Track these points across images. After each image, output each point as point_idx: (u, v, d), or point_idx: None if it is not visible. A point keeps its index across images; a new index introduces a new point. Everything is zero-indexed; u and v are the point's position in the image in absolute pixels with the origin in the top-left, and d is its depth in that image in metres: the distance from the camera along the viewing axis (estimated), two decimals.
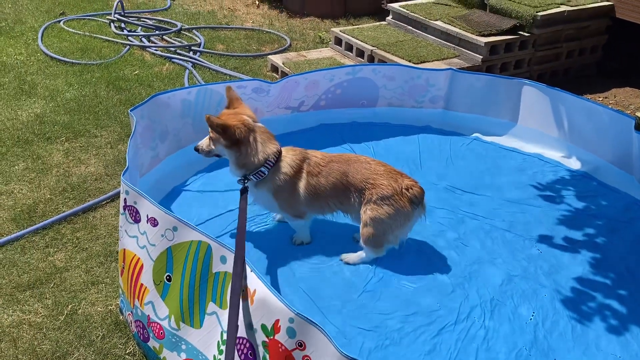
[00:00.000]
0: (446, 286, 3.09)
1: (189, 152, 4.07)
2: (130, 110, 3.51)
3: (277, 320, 2.17)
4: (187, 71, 5.78)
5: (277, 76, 5.86)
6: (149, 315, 2.63)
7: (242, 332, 2.29)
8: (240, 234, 2.55)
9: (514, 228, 3.59)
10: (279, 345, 2.18)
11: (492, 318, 2.92)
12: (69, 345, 2.79)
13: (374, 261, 3.23)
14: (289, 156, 3.20)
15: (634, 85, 6.01)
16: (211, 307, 2.45)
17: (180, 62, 6.00)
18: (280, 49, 6.49)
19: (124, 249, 2.76)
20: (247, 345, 2.28)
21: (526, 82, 4.52)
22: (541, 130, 4.49)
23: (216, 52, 6.33)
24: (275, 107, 4.50)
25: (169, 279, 2.56)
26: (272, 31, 7.03)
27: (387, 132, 4.63)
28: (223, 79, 5.68)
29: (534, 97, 4.47)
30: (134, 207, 2.69)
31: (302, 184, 3.15)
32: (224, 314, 2.40)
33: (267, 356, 2.21)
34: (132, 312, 2.77)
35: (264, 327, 2.21)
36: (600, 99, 5.76)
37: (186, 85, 5.52)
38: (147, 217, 2.61)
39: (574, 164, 4.27)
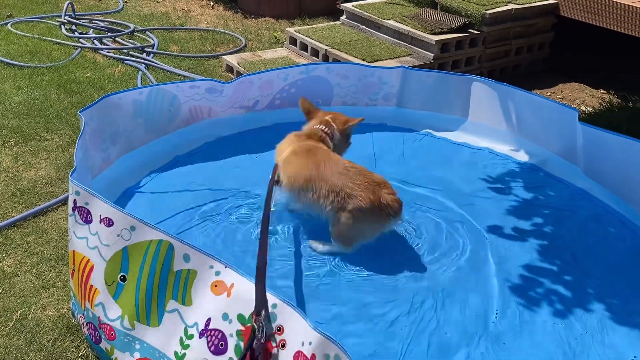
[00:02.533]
0: (399, 278, 3.15)
1: (141, 153, 4.07)
2: (80, 112, 3.47)
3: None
4: (140, 73, 5.72)
5: (232, 76, 5.86)
6: (99, 316, 2.60)
7: (214, 324, 2.33)
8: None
9: (464, 220, 3.68)
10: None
11: (444, 307, 2.99)
12: (18, 351, 2.74)
13: (327, 255, 3.27)
14: None
15: (579, 80, 6.22)
16: (172, 304, 2.46)
17: (133, 63, 5.94)
18: (235, 49, 6.49)
19: (73, 251, 2.73)
20: (219, 336, 2.32)
21: (475, 78, 4.64)
22: (491, 125, 4.61)
23: (170, 53, 6.28)
24: (230, 107, 4.50)
25: (124, 279, 2.55)
26: (227, 32, 7.01)
27: None
28: (177, 80, 5.63)
29: (483, 93, 4.59)
30: (85, 208, 2.66)
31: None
32: (188, 310, 2.43)
33: (241, 344, 2.25)
34: (83, 315, 2.74)
35: (240, 316, 2.27)
36: (548, 93, 5.95)
37: (140, 86, 5.47)
38: (101, 217, 2.60)
39: (523, 157, 4.40)
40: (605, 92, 6.02)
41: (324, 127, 3.61)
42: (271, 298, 2.29)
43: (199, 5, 8.00)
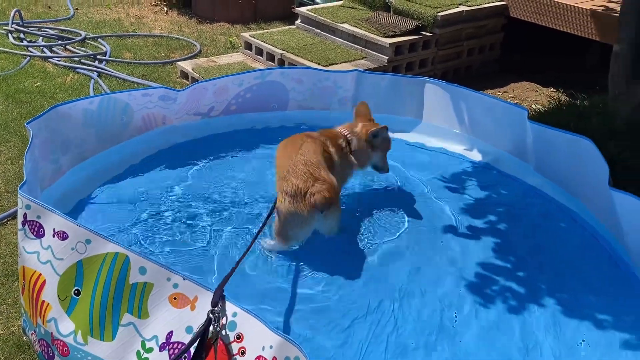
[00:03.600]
0: (355, 280, 3.18)
1: (94, 164, 4.00)
2: (27, 123, 3.39)
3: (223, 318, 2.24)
4: (92, 81, 5.61)
5: (187, 82, 5.80)
6: (52, 332, 2.55)
7: (177, 337, 2.34)
8: None
9: (420, 220, 3.74)
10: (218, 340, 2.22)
11: (401, 307, 3.03)
12: None
13: (285, 259, 3.27)
14: None
15: (530, 79, 6.39)
16: (127, 318, 2.43)
17: (85, 72, 5.82)
18: (190, 55, 6.43)
19: (24, 266, 2.66)
20: (182, 349, 2.29)
21: (427, 80, 4.72)
22: (444, 126, 4.69)
23: (123, 60, 6.18)
24: (184, 113, 4.46)
25: (77, 293, 2.50)
26: (181, 37, 6.94)
27: None
28: (131, 87, 5.55)
29: (435, 94, 4.67)
30: (36, 222, 2.60)
31: None
32: (144, 324, 2.41)
33: (203, 355, 2.23)
34: (35, 331, 2.67)
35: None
36: (500, 93, 6.08)
37: (92, 95, 5.36)
38: (54, 230, 2.55)
39: (476, 156, 4.49)
40: (554, 90, 6.19)
41: (346, 131, 3.68)
42: (231, 307, 2.29)
43: (152, 11, 7.90)
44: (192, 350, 2.25)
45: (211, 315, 2.25)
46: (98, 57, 6.17)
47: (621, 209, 3.29)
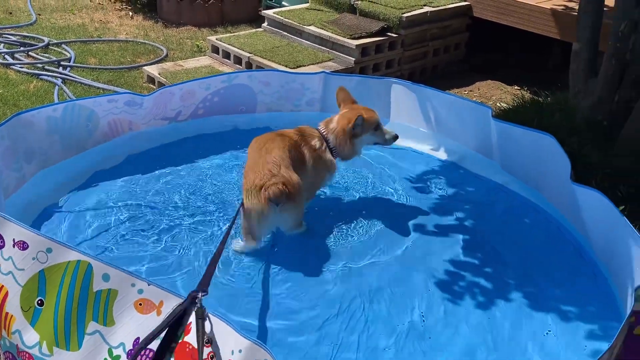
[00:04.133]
0: (325, 280, 3.20)
1: (59, 171, 3.95)
2: None
3: (190, 323, 2.23)
4: (56, 87, 5.53)
5: (154, 87, 5.75)
6: (17, 344, 2.50)
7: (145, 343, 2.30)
8: None
9: (388, 219, 3.76)
10: (187, 345, 2.23)
11: (372, 306, 3.05)
12: None
13: (253, 260, 3.27)
14: None
15: (495, 78, 6.50)
16: (92, 326, 2.41)
17: (49, 78, 5.73)
18: (156, 59, 6.38)
19: None
20: (150, 355, 2.28)
21: (394, 81, 4.76)
22: (411, 125, 4.73)
23: (88, 66, 6.11)
24: (152, 118, 4.42)
25: (41, 303, 2.47)
26: (147, 42, 6.88)
27: None
28: (96, 93, 5.49)
29: (402, 95, 4.72)
30: None
31: None
32: (110, 331, 2.39)
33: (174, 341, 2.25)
34: (0, 344, 2.62)
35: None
36: (466, 92, 6.18)
37: (56, 101, 5.29)
38: (14, 241, 2.51)
39: (442, 155, 4.55)
40: (518, 88, 6.31)
41: (323, 129, 3.66)
42: None
43: (117, 16, 7.81)
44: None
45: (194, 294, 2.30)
46: (62, 63, 6.08)
47: (584, 203, 3.38)
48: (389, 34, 5.98)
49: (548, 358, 2.82)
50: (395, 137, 3.72)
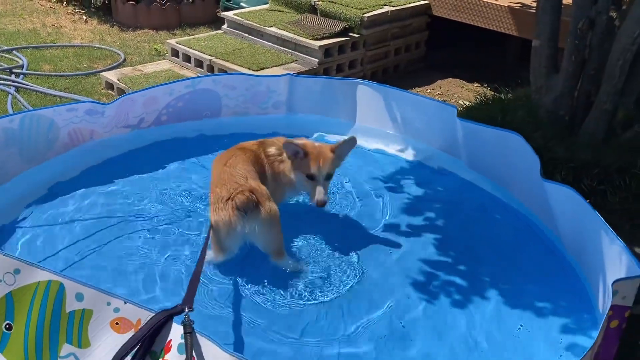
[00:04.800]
0: (301, 287, 3.16)
1: (18, 185, 3.80)
2: None
3: (169, 341, 2.18)
4: (9, 97, 5.32)
5: (113, 93, 5.61)
6: None
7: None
8: None
9: (361, 220, 3.76)
10: None
11: (350, 312, 3.04)
12: None
13: (228, 273, 3.21)
14: None
15: (455, 76, 6.58)
16: (66, 348, 2.33)
17: (1, 87, 5.51)
18: (114, 64, 6.21)
19: None
20: None
21: (359, 82, 4.77)
22: (378, 127, 4.74)
23: (42, 73, 5.90)
24: (113, 127, 4.31)
25: (9, 328, 2.36)
26: (103, 47, 6.70)
27: (236, 142, 4.60)
28: (53, 102, 5.31)
29: (367, 96, 4.72)
30: None
31: None
32: (86, 353, 2.31)
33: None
34: None
35: (152, 353, 2.21)
36: (428, 90, 6.23)
37: (10, 112, 5.09)
38: None
39: (410, 155, 4.56)
40: (479, 85, 6.40)
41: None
42: (178, 328, 2.23)
43: (70, 20, 7.57)
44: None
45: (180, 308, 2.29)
46: (14, 70, 5.86)
47: (554, 199, 3.44)
48: (350, 34, 5.98)
49: (526, 353, 2.86)
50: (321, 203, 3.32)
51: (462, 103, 5.82)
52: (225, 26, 6.50)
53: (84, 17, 7.66)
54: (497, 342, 2.92)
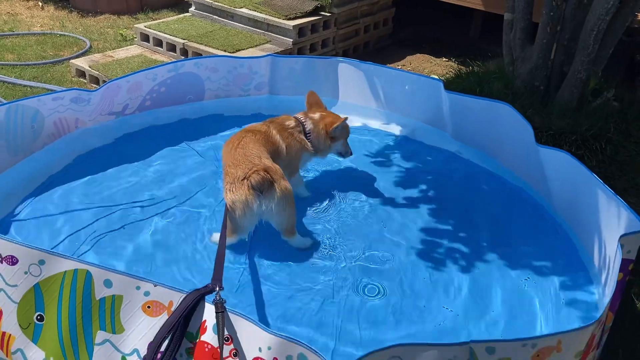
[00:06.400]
0: (315, 264, 3.24)
1: (9, 178, 3.71)
2: None
3: (204, 321, 2.20)
4: None
5: (85, 81, 5.47)
6: None
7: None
8: None
9: (358, 197, 3.84)
10: (205, 345, 2.19)
11: (362, 283, 3.13)
12: None
13: (242, 252, 3.25)
14: None
15: (423, 51, 6.71)
16: (101, 335, 2.31)
17: None
18: (80, 51, 6.04)
19: None
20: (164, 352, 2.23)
21: (340, 60, 4.81)
22: (361, 103, 4.82)
23: (6, 62, 5.69)
24: (98, 114, 4.23)
25: (41, 319, 2.34)
26: (66, 33, 6.49)
27: (220, 125, 4.60)
28: (23, 92, 5.15)
29: (349, 73, 4.78)
30: None
31: None
32: (121, 338, 2.30)
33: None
34: None
35: (188, 334, 2.23)
36: (399, 66, 6.34)
37: None
38: (1, 256, 2.35)
39: (395, 130, 4.67)
40: (446, 59, 6.56)
41: (301, 116, 3.69)
42: (212, 308, 2.25)
43: (25, 7, 7.29)
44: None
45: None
46: None
47: (547, 163, 3.60)
48: (322, 13, 6.00)
49: (530, 310, 3.02)
50: (351, 154, 3.89)
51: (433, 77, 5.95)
52: (192, 9, 6.41)
53: (40, 4, 7.38)
54: (502, 300, 3.07)
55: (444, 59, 6.56)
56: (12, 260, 2.35)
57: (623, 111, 4.77)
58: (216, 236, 3.30)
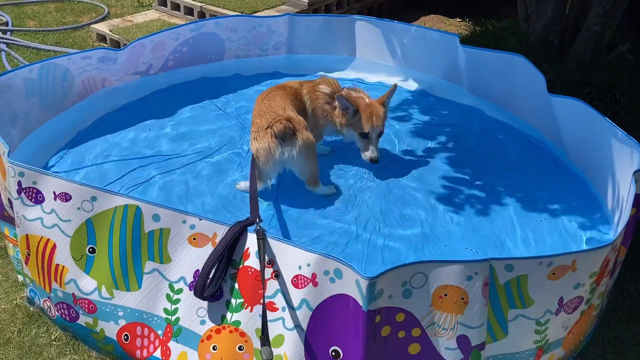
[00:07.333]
0: (338, 207, 3.40)
1: (43, 133, 3.87)
2: None
3: (247, 249, 2.36)
4: (2, 53, 5.26)
5: (106, 45, 5.59)
6: (73, 293, 2.55)
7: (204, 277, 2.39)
8: None
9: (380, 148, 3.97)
10: (249, 269, 2.34)
11: (385, 224, 3.28)
12: None
13: (269, 199, 3.41)
14: None
15: (437, 12, 6.77)
16: (149, 265, 2.47)
17: None
18: (100, 17, 6.15)
19: (26, 235, 2.61)
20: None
21: (358, 18, 4.90)
22: (378, 60, 4.92)
23: (30, 29, 5.81)
24: (124, 74, 4.36)
25: (92, 251, 2.51)
26: (85, 0, 6.59)
27: (240, 84, 4.73)
28: (47, 56, 5.28)
29: (366, 31, 4.87)
30: (33, 188, 2.55)
31: None
32: (168, 268, 2.47)
33: (236, 285, 2.33)
34: (49, 297, 2.65)
35: (233, 262, 2.40)
36: None
37: (6, 67, 5.05)
38: (55, 194, 2.51)
39: (412, 85, 4.78)
40: (460, 20, 6.61)
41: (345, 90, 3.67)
42: (253, 237, 2.41)
43: None
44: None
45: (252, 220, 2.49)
46: (0, 28, 5.75)
47: (560, 112, 3.71)
48: None
49: (546, 249, 3.17)
50: (374, 160, 3.54)
51: None
52: None
53: None
54: (521, 238, 3.22)
55: (458, 20, 6.61)
56: (66, 197, 2.50)
57: (638, 64, 4.84)
58: (242, 184, 3.47)
